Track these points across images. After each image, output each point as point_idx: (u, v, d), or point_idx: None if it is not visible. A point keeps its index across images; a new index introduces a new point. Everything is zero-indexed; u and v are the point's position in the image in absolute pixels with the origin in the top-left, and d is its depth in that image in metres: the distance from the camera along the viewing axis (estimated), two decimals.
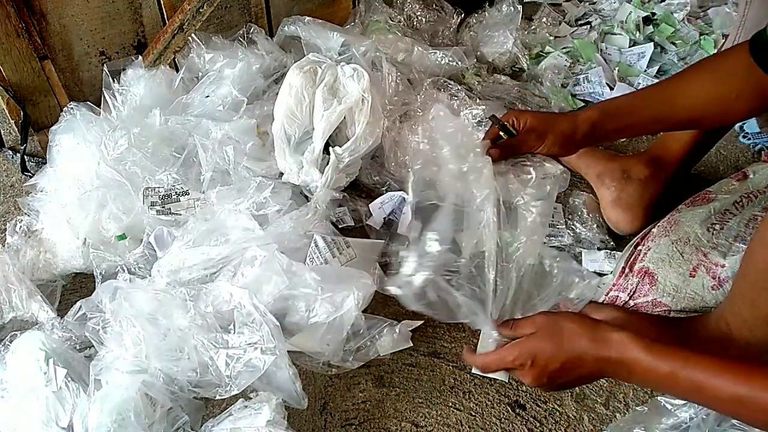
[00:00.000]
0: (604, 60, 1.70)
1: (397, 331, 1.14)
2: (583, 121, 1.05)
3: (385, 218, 1.35)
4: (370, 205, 1.36)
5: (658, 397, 0.96)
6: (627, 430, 0.96)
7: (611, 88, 1.62)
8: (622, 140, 1.52)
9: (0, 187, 1.47)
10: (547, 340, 0.80)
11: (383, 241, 1.28)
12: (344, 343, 1.10)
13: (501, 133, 1.10)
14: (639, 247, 1.19)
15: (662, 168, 1.27)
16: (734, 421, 0.87)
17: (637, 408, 1.03)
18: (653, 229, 1.21)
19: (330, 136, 1.33)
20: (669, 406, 0.93)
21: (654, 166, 1.27)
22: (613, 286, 1.17)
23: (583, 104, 1.63)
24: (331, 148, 1.32)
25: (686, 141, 1.25)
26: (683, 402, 0.91)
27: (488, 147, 1.07)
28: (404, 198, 1.34)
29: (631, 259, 1.18)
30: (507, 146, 1.09)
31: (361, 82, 1.31)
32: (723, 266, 1.09)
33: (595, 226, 1.30)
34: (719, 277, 1.09)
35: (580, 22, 1.84)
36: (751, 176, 1.20)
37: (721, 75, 0.95)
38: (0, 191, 1.46)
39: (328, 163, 1.32)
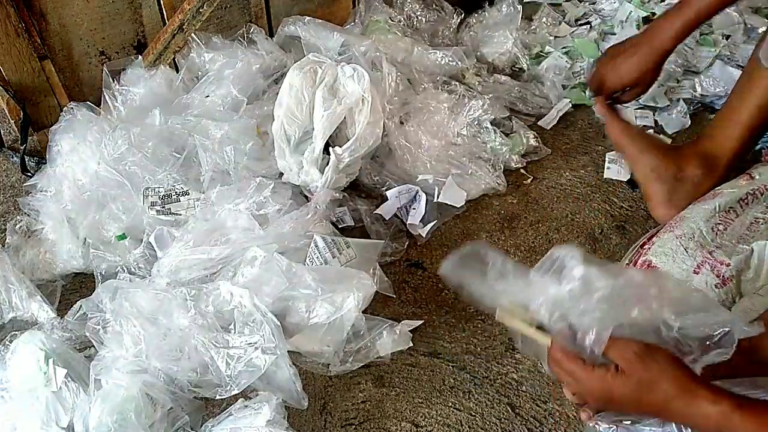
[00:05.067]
0: None
1: (397, 331, 1.14)
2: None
3: (398, 208, 1.36)
4: (387, 192, 1.36)
5: None
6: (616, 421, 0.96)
7: None
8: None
9: (0, 187, 1.47)
10: (630, 385, 0.68)
11: (383, 241, 1.28)
12: (344, 344, 1.10)
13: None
14: (645, 247, 1.18)
15: (714, 168, 1.22)
16: None
17: None
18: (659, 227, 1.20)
19: (330, 136, 1.33)
20: None
21: (707, 167, 1.22)
22: None
23: None
24: (331, 148, 1.32)
25: (737, 136, 1.20)
26: None
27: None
28: (419, 193, 1.36)
29: (636, 258, 1.17)
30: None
31: (361, 82, 1.31)
32: (728, 265, 1.08)
33: None
34: (723, 276, 1.08)
35: (580, 22, 1.84)
36: (757, 177, 1.19)
37: None
38: (0, 191, 1.46)
39: (327, 164, 1.32)
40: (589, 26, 1.81)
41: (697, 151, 1.24)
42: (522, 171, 1.47)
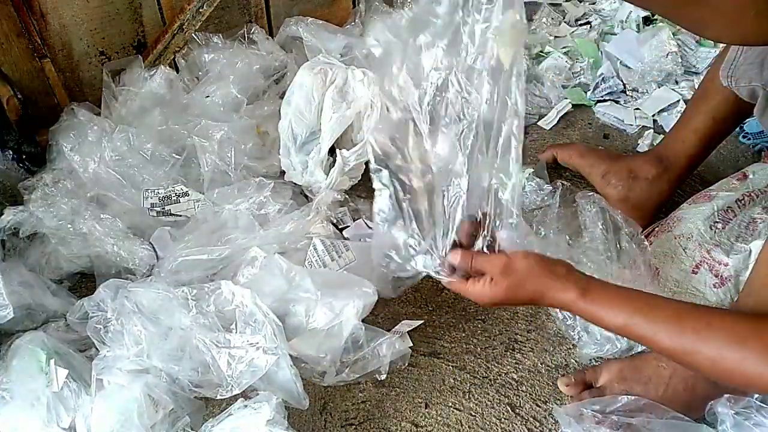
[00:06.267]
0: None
1: (396, 346, 1.11)
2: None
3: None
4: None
5: None
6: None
7: (624, 85, 1.63)
8: (623, 141, 1.53)
9: (0, 188, 1.47)
10: (504, 290, 0.89)
11: None
12: (342, 353, 1.08)
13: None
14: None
15: (669, 168, 1.27)
16: None
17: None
18: (656, 228, 1.21)
19: None
20: None
21: (661, 166, 1.27)
22: None
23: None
24: (337, 150, 1.32)
25: (692, 141, 1.24)
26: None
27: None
28: None
29: None
30: None
31: (370, 87, 1.30)
32: (726, 265, 1.09)
33: None
34: (721, 276, 1.09)
35: (580, 22, 1.85)
36: (751, 176, 1.20)
37: None
38: None
39: (331, 165, 1.32)
40: (589, 26, 1.81)
41: (651, 154, 1.31)
42: None
